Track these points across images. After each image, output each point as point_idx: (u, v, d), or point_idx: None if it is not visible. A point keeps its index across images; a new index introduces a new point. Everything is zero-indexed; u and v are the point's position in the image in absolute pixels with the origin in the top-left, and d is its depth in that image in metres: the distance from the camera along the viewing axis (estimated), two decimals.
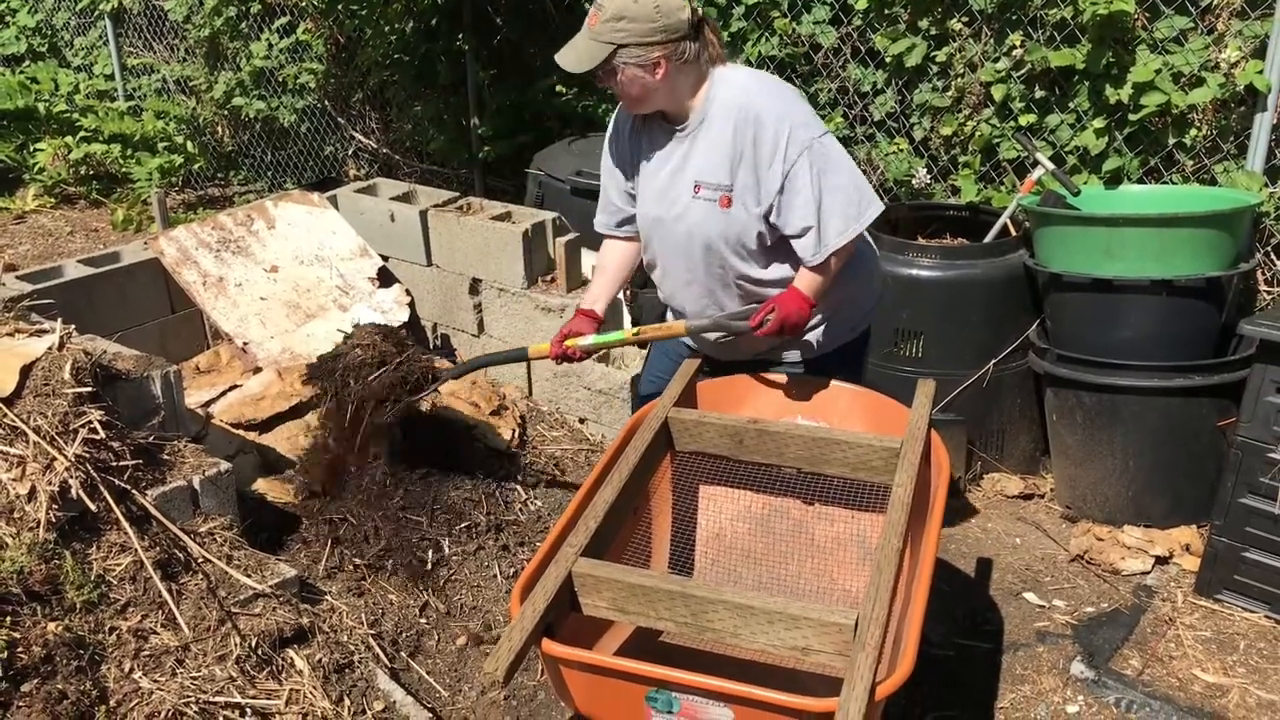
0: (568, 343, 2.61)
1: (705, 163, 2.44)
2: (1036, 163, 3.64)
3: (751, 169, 2.38)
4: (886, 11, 4.06)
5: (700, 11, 2.41)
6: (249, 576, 2.55)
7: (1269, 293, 3.63)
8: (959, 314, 3.57)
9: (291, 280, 3.93)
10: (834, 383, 2.66)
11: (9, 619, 2.19)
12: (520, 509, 3.35)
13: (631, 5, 2.31)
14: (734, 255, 2.48)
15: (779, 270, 2.51)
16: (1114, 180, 3.71)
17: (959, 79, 3.97)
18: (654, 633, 2.38)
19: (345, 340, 2.98)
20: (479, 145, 5.35)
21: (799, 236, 2.40)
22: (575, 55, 2.36)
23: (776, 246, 2.47)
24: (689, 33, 2.35)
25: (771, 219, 2.41)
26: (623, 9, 2.31)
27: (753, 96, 2.38)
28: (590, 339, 2.61)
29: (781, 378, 2.68)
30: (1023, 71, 3.81)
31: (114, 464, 2.49)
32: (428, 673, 2.77)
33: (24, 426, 2.39)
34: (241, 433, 3.31)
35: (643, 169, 2.57)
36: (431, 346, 4.26)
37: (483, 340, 4.10)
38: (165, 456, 2.68)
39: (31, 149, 6.77)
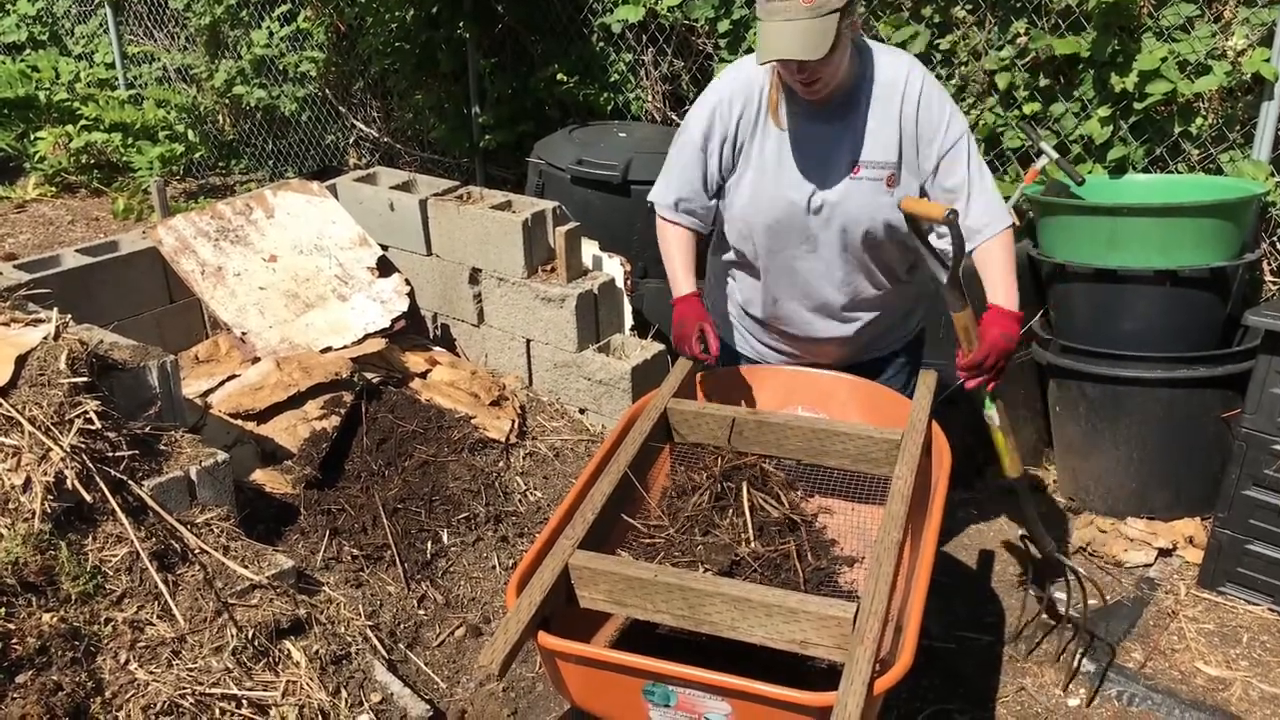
0: None
1: (867, 141, 2.30)
2: (1040, 152, 3.61)
3: (914, 145, 2.29)
4: None
5: None
6: (246, 567, 2.54)
7: (1275, 283, 3.60)
8: None
9: (290, 270, 3.91)
10: (834, 374, 2.64)
11: (3, 610, 2.18)
12: (519, 500, 3.33)
13: None
14: (889, 241, 2.38)
15: (916, 273, 2.48)
16: (1119, 169, 3.67)
17: (963, 67, 3.93)
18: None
19: None
20: (480, 134, 5.33)
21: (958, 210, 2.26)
22: (803, 41, 2.09)
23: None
24: None
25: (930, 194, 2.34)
26: None
27: (910, 73, 2.28)
28: None
29: (781, 369, 2.66)
30: (1027, 59, 3.78)
31: (110, 454, 2.48)
32: (426, 664, 2.76)
33: (19, 417, 2.38)
34: (240, 423, 3.29)
35: (761, 155, 2.37)
36: (431, 336, 4.25)
37: (482, 330, 4.08)
38: (162, 447, 2.66)
39: (32, 138, 6.75)
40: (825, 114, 2.30)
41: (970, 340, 2.28)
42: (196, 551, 2.52)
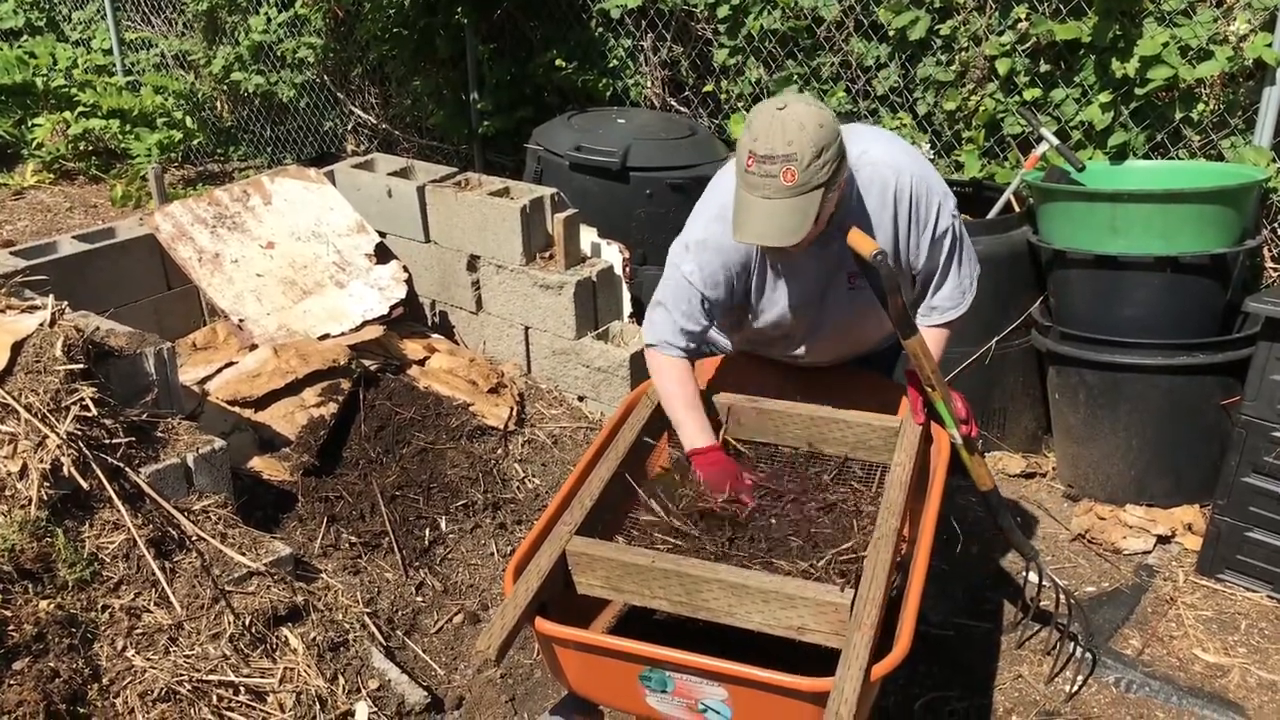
0: None
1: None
2: (1041, 138, 3.60)
3: (906, 241, 2.25)
4: None
5: None
6: (243, 555, 2.54)
7: (1275, 270, 3.59)
8: None
9: (288, 256, 3.90)
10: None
11: (0, 597, 2.18)
12: (518, 487, 3.33)
13: (818, 130, 1.94)
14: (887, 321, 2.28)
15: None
16: (1119, 155, 3.66)
17: (963, 53, 3.91)
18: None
19: None
20: (478, 120, 5.31)
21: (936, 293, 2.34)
22: (781, 223, 1.96)
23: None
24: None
25: (916, 280, 2.35)
26: (817, 140, 1.93)
27: (898, 178, 2.19)
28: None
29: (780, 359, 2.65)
30: (1028, 45, 3.76)
31: (106, 441, 2.47)
32: (424, 651, 2.76)
33: (15, 404, 2.37)
34: (237, 410, 3.29)
35: (760, 293, 2.32)
36: (429, 324, 4.24)
37: (481, 317, 4.07)
38: (159, 434, 2.66)
39: (30, 124, 6.72)
40: (817, 240, 2.17)
41: (921, 362, 2.22)
42: (194, 539, 2.52)
